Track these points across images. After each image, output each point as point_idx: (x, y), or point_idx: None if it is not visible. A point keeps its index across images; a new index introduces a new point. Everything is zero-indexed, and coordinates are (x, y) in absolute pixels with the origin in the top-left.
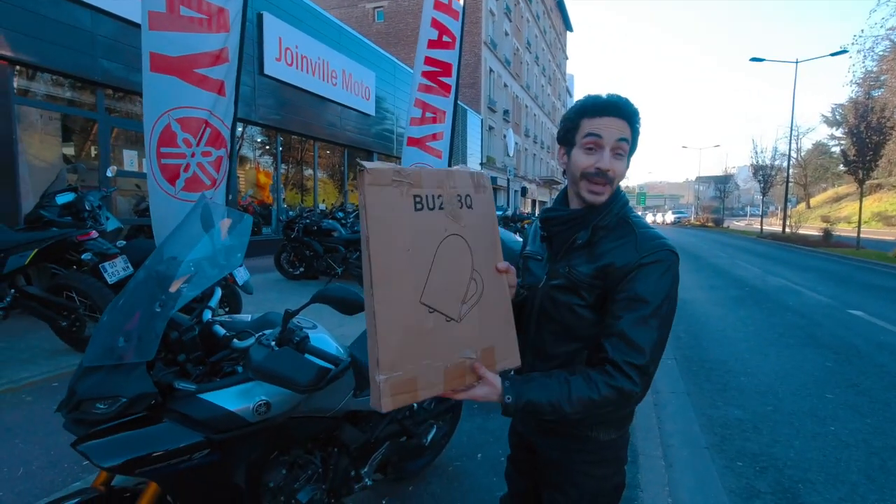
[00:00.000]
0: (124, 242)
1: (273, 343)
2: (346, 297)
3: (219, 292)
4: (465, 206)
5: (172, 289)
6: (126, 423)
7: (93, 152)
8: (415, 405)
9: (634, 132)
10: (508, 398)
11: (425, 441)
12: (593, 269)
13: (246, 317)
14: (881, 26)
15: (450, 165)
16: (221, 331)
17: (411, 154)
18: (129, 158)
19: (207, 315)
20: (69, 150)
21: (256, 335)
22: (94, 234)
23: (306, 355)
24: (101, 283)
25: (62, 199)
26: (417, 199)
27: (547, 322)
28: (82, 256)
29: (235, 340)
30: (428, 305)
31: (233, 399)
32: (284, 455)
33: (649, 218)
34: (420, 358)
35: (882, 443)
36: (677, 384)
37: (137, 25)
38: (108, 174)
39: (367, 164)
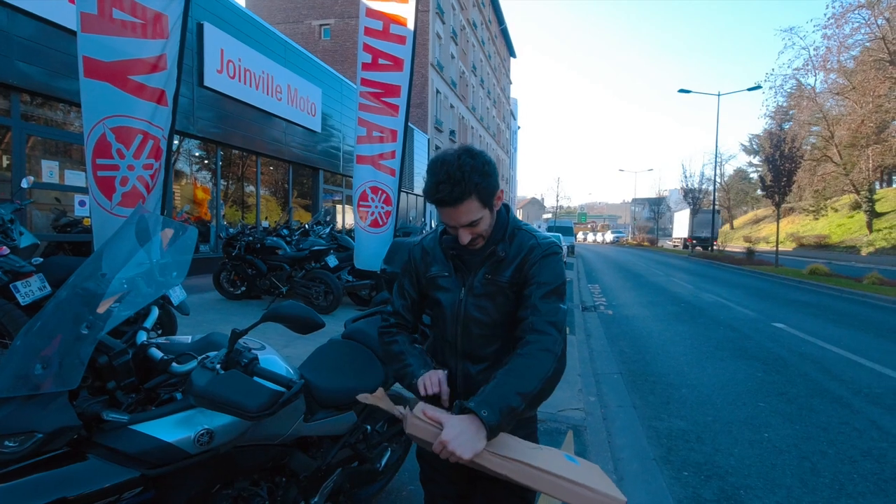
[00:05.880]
0: (41, 260)
1: (218, 366)
2: (300, 315)
3: (155, 312)
4: None
5: (101, 309)
6: (41, 463)
7: (4, 162)
8: (368, 427)
9: (481, 194)
10: (484, 413)
11: (379, 465)
12: (511, 271)
13: (186, 338)
14: (788, 66)
15: (400, 184)
16: (158, 354)
17: (364, 172)
18: (49, 169)
19: (142, 337)
20: None
21: (199, 358)
22: (6, 250)
23: (255, 378)
24: (13, 304)
25: None
26: None
27: (475, 326)
28: None
29: (175, 364)
30: None
31: (170, 429)
32: (228, 489)
33: (589, 237)
34: None
35: (811, 447)
36: (624, 398)
37: (60, 27)
38: (24, 185)
39: None
